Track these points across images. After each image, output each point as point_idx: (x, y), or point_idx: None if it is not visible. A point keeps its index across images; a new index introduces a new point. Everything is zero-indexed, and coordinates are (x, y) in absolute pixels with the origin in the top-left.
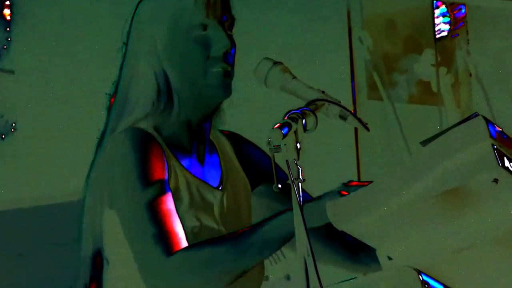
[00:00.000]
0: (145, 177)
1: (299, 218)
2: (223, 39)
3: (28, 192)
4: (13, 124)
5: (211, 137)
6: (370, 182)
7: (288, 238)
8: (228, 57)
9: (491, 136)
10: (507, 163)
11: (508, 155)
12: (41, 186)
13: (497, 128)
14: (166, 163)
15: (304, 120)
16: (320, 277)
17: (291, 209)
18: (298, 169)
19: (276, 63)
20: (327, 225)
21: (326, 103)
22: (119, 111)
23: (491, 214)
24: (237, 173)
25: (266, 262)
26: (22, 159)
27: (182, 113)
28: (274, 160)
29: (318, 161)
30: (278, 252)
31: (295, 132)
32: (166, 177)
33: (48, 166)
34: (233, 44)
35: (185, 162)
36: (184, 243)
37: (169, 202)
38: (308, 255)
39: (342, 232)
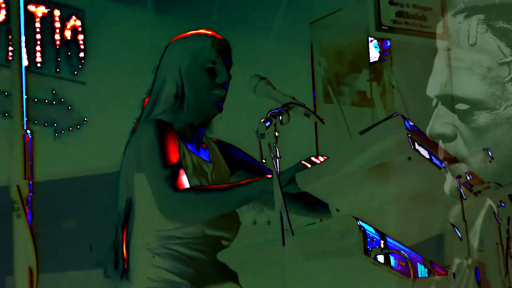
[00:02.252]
0: (163, 149)
1: (277, 183)
2: (225, 73)
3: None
4: (85, 118)
5: (204, 140)
6: (327, 157)
7: (258, 195)
8: (225, 86)
9: (406, 128)
10: (417, 146)
11: (418, 141)
12: (103, 159)
13: (411, 123)
14: (177, 142)
15: (281, 117)
16: (290, 222)
17: (263, 177)
18: (276, 149)
19: (262, 78)
20: (295, 188)
21: (296, 105)
22: (149, 108)
23: (407, 180)
24: (220, 162)
25: (253, 211)
26: (91, 141)
27: (188, 116)
28: (260, 144)
29: (290, 144)
30: (263, 205)
31: (275, 125)
32: (177, 146)
33: (108, 146)
34: (229, 78)
35: (188, 146)
36: (187, 186)
37: (176, 159)
38: (282, 208)
39: (305, 192)
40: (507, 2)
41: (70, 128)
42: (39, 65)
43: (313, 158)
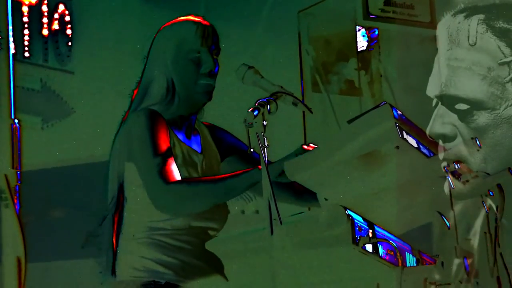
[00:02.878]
0: (153, 138)
1: (265, 172)
2: (210, 62)
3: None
4: (72, 108)
5: (196, 126)
6: (316, 146)
7: (250, 186)
8: (211, 74)
9: (394, 117)
10: (405, 135)
11: (406, 130)
12: (91, 149)
13: (399, 112)
14: (168, 131)
15: (269, 106)
16: (279, 212)
17: (254, 167)
18: (264, 138)
19: (250, 67)
20: (284, 177)
21: (284, 94)
22: (139, 99)
23: (394, 169)
24: (211, 148)
25: (241, 201)
26: (79, 131)
27: (180, 107)
28: (248, 133)
29: (278, 133)
30: (251, 195)
31: (263, 114)
32: (168, 136)
33: (97, 135)
34: (216, 65)
35: (178, 135)
36: (178, 177)
37: (167, 150)
38: (270, 197)
39: (294, 182)
40: (507, 2)
41: (58, 118)
42: (27, 54)
43: (304, 146)
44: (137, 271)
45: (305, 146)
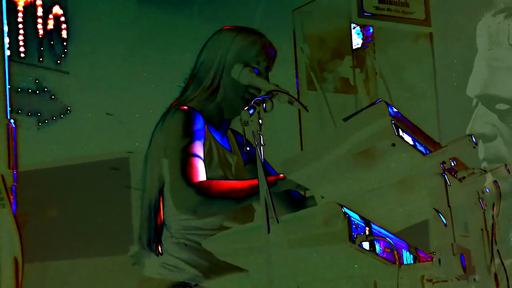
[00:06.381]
0: (185, 137)
1: (261, 171)
2: (264, 76)
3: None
4: (68, 107)
5: None
6: None
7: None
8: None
9: (390, 115)
10: (401, 133)
11: (402, 128)
12: (86, 148)
13: (394, 109)
14: (205, 130)
15: (264, 104)
16: (275, 210)
17: (277, 178)
18: (260, 137)
19: (245, 65)
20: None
21: (279, 93)
22: (189, 91)
23: (391, 167)
24: (238, 153)
25: None
26: (74, 130)
27: (221, 106)
28: (244, 131)
29: (275, 132)
30: None
31: (259, 113)
32: (203, 136)
33: (92, 135)
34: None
35: (215, 134)
36: (202, 179)
37: (197, 151)
38: (267, 195)
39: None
40: None
41: (54, 118)
42: (22, 54)
43: None
44: (167, 270)
45: None
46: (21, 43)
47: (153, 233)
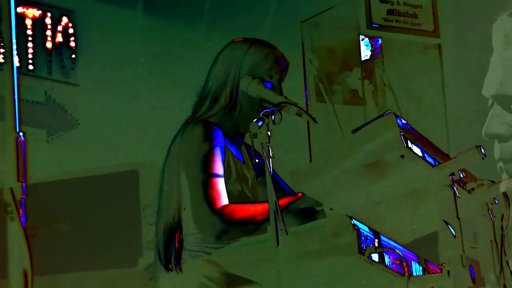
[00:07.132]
0: (206, 154)
1: (270, 183)
2: (278, 89)
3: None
4: (77, 120)
5: None
6: None
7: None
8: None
9: (399, 126)
10: (409, 144)
11: (410, 139)
12: (96, 161)
13: (403, 121)
14: (223, 146)
15: (273, 116)
16: (284, 222)
17: (296, 197)
18: (269, 149)
19: (254, 77)
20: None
21: (288, 105)
22: (203, 106)
23: (400, 178)
24: (250, 165)
25: None
26: (84, 143)
27: (238, 121)
28: (253, 143)
29: (284, 144)
30: None
31: (267, 125)
32: (222, 159)
33: (101, 148)
34: (281, 94)
35: (231, 148)
36: (225, 202)
37: (217, 169)
38: (275, 209)
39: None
40: None
41: (63, 130)
42: (31, 67)
43: None
44: (186, 284)
45: None
46: (30, 55)
47: (173, 249)
